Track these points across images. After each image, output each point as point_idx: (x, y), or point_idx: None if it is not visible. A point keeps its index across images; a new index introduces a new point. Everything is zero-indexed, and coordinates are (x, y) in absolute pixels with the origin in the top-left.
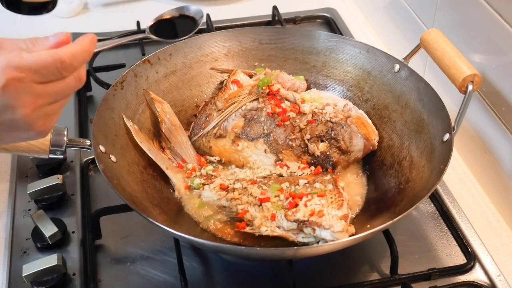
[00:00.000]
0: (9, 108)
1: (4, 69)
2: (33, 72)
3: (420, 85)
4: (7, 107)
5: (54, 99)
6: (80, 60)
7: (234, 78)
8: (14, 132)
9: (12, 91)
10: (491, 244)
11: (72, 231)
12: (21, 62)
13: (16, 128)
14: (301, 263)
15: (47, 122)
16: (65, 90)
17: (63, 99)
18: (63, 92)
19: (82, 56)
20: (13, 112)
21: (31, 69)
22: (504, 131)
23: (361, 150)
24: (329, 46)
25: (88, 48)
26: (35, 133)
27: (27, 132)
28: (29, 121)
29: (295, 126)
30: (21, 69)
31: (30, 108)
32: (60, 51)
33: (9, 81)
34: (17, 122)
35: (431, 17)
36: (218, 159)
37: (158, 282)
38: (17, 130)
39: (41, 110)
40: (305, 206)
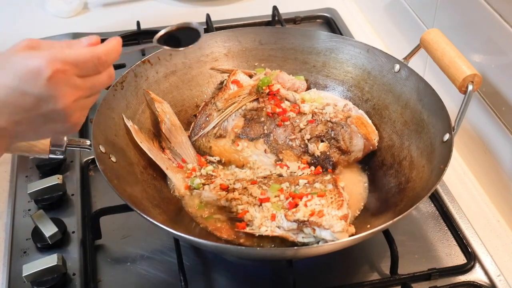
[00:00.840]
0: (52, 99)
1: (50, 62)
2: (74, 66)
3: (420, 85)
4: (50, 97)
5: (90, 92)
6: (112, 58)
7: (234, 78)
8: (51, 124)
9: (56, 82)
10: (491, 244)
11: (72, 231)
12: (64, 56)
13: (54, 119)
14: (301, 263)
15: (81, 114)
16: (99, 84)
17: (96, 94)
18: (97, 86)
19: (113, 54)
20: (55, 103)
21: (72, 63)
22: (504, 131)
23: (361, 150)
24: (329, 46)
25: (118, 48)
26: (70, 125)
27: (63, 124)
28: (67, 112)
29: (295, 126)
30: (64, 62)
31: (71, 99)
32: (96, 48)
33: (55, 73)
34: (57, 113)
35: (431, 17)
36: (218, 159)
37: (158, 282)
38: (54, 122)
39: (79, 102)
40: (305, 206)
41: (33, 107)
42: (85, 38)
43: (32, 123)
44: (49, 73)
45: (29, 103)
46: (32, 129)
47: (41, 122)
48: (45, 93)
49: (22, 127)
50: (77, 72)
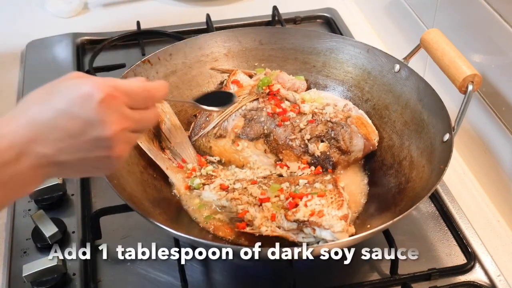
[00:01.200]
0: (100, 124)
1: (103, 86)
2: (125, 95)
3: (420, 85)
4: (98, 122)
5: (136, 126)
6: (161, 95)
7: (234, 78)
8: (95, 154)
9: (107, 107)
10: (491, 244)
11: (72, 231)
12: (117, 84)
13: (99, 148)
14: (301, 263)
15: (125, 148)
16: (146, 120)
17: (140, 132)
18: (144, 121)
19: (162, 91)
20: (103, 128)
21: (124, 92)
22: (504, 131)
23: (361, 150)
24: (329, 46)
25: (166, 88)
26: (113, 156)
27: (107, 155)
28: (113, 140)
29: (295, 126)
30: (117, 89)
31: (118, 127)
32: (147, 83)
33: (106, 97)
34: (103, 140)
35: (431, 17)
36: (218, 159)
37: (158, 282)
38: (98, 151)
39: (124, 134)
40: (305, 206)
41: (80, 133)
42: None
43: (76, 152)
44: (101, 97)
45: (76, 127)
46: (74, 160)
47: (85, 150)
48: (94, 117)
49: (65, 156)
50: (127, 102)
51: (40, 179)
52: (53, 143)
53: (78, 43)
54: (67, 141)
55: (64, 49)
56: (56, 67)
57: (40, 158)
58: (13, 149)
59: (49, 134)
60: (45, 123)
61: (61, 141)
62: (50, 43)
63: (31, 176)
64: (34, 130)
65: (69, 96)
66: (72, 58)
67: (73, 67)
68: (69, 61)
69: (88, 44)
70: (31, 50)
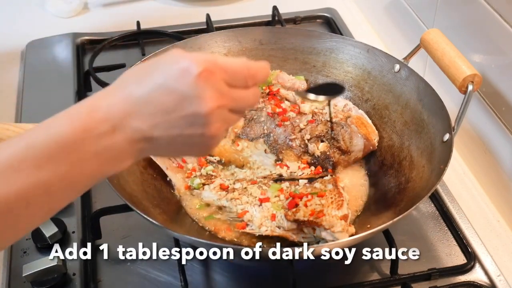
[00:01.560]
0: (196, 99)
1: (202, 61)
2: (224, 71)
3: (420, 85)
4: (195, 97)
5: (234, 104)
6: (262, 76)
7: None
8: (189, 131)
9: (204, 82)
10: (491, 244)
11: (72, 231)
12: (216, 59)
13: (194, 125)
14: (301, 263)
15: (221, 128)
16: (245, 100)
17: (239, 113)
18: (242, 101)
19: (263, 71)
20: (199, 104)
21: (223, 68)
22: (504, 131)
23: (361, 150)
24: (329, 46)
25: (268, 68)
26: (209, 135)
27: (202, 133)
28: (209, 117)
29: (295, 126)
30: (215, 64)
31: (215, 104)
32: (248, 61)
33: (204, 71)
34: (198, 116)
35: (431, 17)
36: (218, 159)
37: (158, 282)
38: (193, 128)
39: (222, 112)
40: (305, 206)
41: (176, 108)
42: None
43: (170, 128)
44: (198, 71)
45: (172, 102)
46: (168, 137)
47: (179, 127)
48: (191, 91)
49: (159, 132)
50: (226, 78)
51: (134, 155)
52: (148, 118)
53: (78, 43)
54: (162, 116)
55: (64, 49)
56: (56, 67)
57: (134, 133)
58: (109, 122)
59: (145, 109)
60: (141, 98)
61: (156, 116)
62: (50, 43)
63: (125, 151)
64: (130, 105)
65: (166, 70)
66: (72, 58)
67: (73, 67)
68: (69, 61)
69: (88, 44)
70: (31, 50)
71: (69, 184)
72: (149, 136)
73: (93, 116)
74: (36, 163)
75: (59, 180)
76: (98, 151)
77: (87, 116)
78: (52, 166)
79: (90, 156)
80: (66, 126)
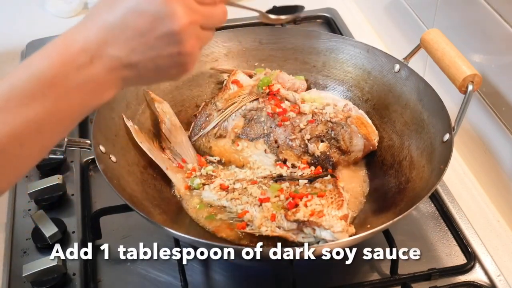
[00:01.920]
0: (168, 17)
1: None
2: None
3: (420, 85)
4: (166, 15)
5: (205, 20)
6: None
7: (234, 78)
8: (166, 49)
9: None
10: (491, 244)
11: (72, 231)
12: None
13: (170, 43)
14: (301, 263)
15: (195, 44)
16: (215, 16)
17: (210, 30)
18: (212, 17)
19: None
20: (171, 21)
21: None
22: (504, 131)
23: (361, 150)
24: (329, 46)
25: None
26: (185, 52)
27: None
28: (183, 34)
29: (295, 126)
30: None
31: (187, 19)
32: None
33: None
34: (173, 34)
35: (431, 17)
36: (218, 159)
37: (158, 282)
38: (169, 47)
39: (194, 28)
40: (305, 206)
41: (150, 28)
42: None
43: (147, 51)
44: None
45: (145, 23)
46: (147, 60)
47: (156, 48)
48: (162, 10)
49: (138, 56)
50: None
51: (116, 84)
52: (125, 43)
53: None
54: (138, 39)
55: None
56: None
57: (113, 60)
58: (86, 53)
59: (120, 34)
60: (115, 24)
61: (132, 40)
62: None
63: (106, 81)
64: (105, 33)
65: None
66: None
67: None
68: None
69: None
70: (31, 50)
71: (58, 120)
72: (127, 62)
73: (69, 49)
74: (21, 101)
75: (47, 116)
76: (79, 83)
77: (64, 50)
78: (37, 103)
79: (72, 89)
80: (45, 62)
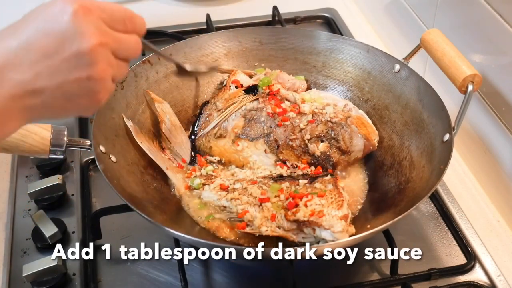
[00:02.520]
0: (76, 36)
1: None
2: (101, 10)
3: (420, 85)
4: (74, 34)
5: (116, 46)
6: (140, 23)
7: (234, 78)
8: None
9: (82, 18)
10: (491, 244)
11: (72, 231)
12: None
13: (78, 65)
14: (301, 263)
15: (107, 70)
16: (126, 44)
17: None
18: (124, 44)
19: (141, 21)
20: (80, 41)
21: (99, 7)
22: (504, 131)
23: (361, 150)
24: (329, 46)
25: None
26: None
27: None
28: (93, 55)
29: (295, 126)
30: (91, 2)
31: (97, 40)
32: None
33: (81, 8)
34: (81, 54)
35: (431, 17)
36: (218, 159)
37: (158, 282)
38: (78, 70)
39: (105, 51)
40: (305, 206)
41: (57, 49)
42: None
43: (54, 75)
44: (73, 8)
45: (52, 43)
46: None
47: (64, 71)
48: (69, 29)
49: (43, 81)
50: (104, 17)
51: (21, 115)
52: (29, 66)
53: None
54: (43, 62)
55: None
56: None
57: (15, 85)
58: None
59: (24, 57)
60: (19, 47)
61: (37, 62)
62: None
63: (9, 109)
64: (7, 57)
65: (42, 14)
66: None
67: None
68: None
69: None
70: None
71: None
72: (31, 89)
73: None
74: None
75: None
76: None
77: None
78: None
79: None
80: None
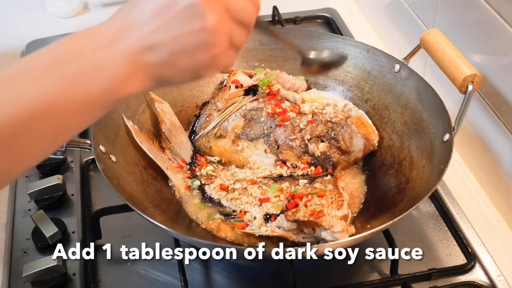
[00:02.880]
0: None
1: None
2: None
3: (420, 85)
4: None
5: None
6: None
7: (234, 78)
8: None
9: None
10: (491, 244)
11: (72, 231)
12: None
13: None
14: (301, 263)
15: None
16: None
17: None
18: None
19: None
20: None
21: None
22: (504, 131)
23: (361, 150)
24: (329, 46)
25: None
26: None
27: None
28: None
29: (295, 126)
30: None
31: (220, 17)
32: None
33: None
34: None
35: (431, 17)
36: (218, 159)
37: (158, 282)
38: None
39: (217, 4)
40: (305, 206)
41: (169, 5)
42: None
43: (170, 29)
44: None
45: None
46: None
47: (178, 24)
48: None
49: (159, 35)
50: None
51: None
52: (145, 24)
53: None
54: (158, 18)
55: None
56: None
57: (134, 42)
58: (105, 37)
59: (140, 16)
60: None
61: (152, 19)
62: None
63: (128, 67)
64: (127, 20)
65: None
66: None
67: None
68: None
69: None
70: (31, 50)
71: (74, 101)
72: (149, 44)
73: (89, 35)
74: (33, 75)
75: (60, 93)
76: (96, 65)
77: (83, 35)
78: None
79: (89, 70)
80: (63, 43)
